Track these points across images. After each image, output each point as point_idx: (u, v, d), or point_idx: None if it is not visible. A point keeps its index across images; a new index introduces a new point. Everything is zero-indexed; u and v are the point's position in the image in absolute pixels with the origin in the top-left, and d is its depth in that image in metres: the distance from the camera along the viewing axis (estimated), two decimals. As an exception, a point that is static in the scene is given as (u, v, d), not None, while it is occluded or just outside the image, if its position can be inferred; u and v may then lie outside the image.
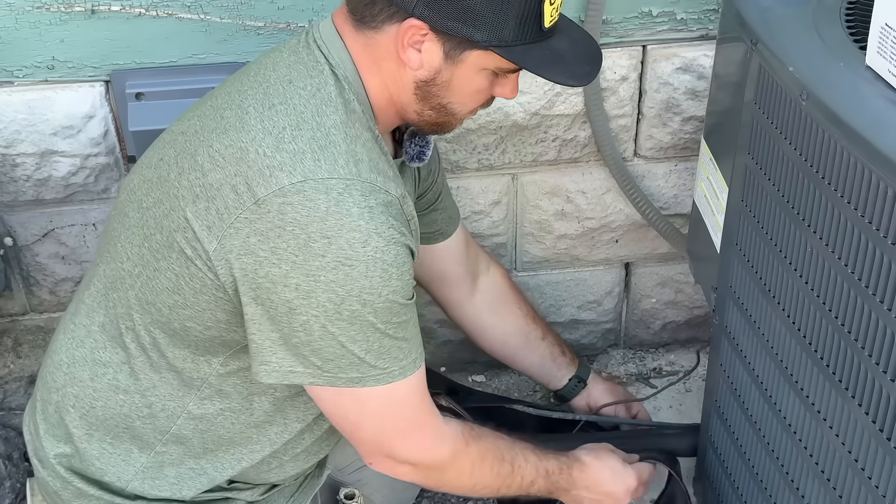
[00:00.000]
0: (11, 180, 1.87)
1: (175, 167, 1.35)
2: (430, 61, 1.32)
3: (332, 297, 1.27)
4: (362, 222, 1.25)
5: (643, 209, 2.05)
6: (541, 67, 1.33)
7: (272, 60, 1.38)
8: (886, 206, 1.13)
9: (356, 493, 1.78)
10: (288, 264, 1.26)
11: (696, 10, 1.86)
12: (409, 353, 1.37)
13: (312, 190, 1.25)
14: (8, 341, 2.11)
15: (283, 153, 1.27)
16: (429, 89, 1.35)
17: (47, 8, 1.70)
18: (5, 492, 1.99)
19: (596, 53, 1.41)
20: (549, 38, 1.34)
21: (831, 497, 1.36)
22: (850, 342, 1.25)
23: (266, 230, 1.26)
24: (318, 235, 1.25)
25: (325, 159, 1.27)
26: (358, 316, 1.29)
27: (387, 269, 1.27)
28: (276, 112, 1.30)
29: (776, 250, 1.40)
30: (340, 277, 1.26)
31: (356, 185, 1.27)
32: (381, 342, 1.33)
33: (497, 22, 1.28)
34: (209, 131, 1.33)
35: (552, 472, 1.58)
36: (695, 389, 2.22)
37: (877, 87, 1.21)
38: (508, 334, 1.91)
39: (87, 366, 1.47)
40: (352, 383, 1.35)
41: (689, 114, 1.97)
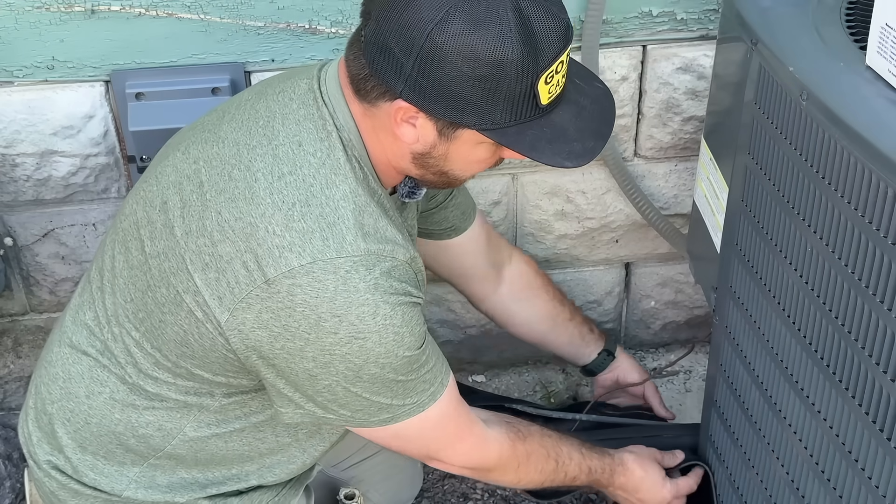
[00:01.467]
0: (11, 180, 1.87)
1: (181, 223, 1.34)
2: (424, 136, 1.29)
3: (349, 367, 1.31)
4: (369, 295, 1.28)
5: (643, 209, 2.05)
6: (535, 150, 1.28)
7: (281, 109, 1.35)
8: (886, 206, 1.13)
9: (356, 494, 1.78)
10: (302, 340, 1.29)
11: (696, 10, 1.86)
12: (432, 381, 1.40)
13: (321, 271, 1.27)
14: (8, 341, 2.11)
15: (293, 232, 1.28)
16: (426, 160, 1.34)
17: (47, 8, 1.70)
18: (5, 492, 1.99)
19: (606, 121, 1.36)
20: (551, 112, 1.29)
21: (831, 497, 1.36)
22: (850, 342, 1.25)
23: (277, 309, 1.28)
24: (328, 315, 1.27)
25: (332, 238, 1.28)
26: (378, 377, 1.33)
27: (398, 331, 1.30)
28: (285, 184, 1.30)
29: (776, 250, 1.40)
30: (355, 350, 1.29)
31: (363, 261, 1.28)
32: (404, 387, 1.36)
33: (486, 107, 1.24)
34: (217, 193, 1.32)
35: (595, 470, 1.65)
36: (695, 389, 2.22)
37: (877, 87, 1.21)
38: (537, 320, 1.93)
39: (83, 383, 1.46)
40: (384, 423, 1.39)
41: (689, 114, 1.97)
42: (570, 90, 1.31)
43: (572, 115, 1.31)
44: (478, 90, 1.22)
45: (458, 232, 1.78)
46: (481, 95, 1.23)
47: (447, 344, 2.26)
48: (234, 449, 1.49)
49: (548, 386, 2.29)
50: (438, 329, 2.23)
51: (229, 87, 1.78)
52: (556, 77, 1.26)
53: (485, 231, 1.84)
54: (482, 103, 1.24)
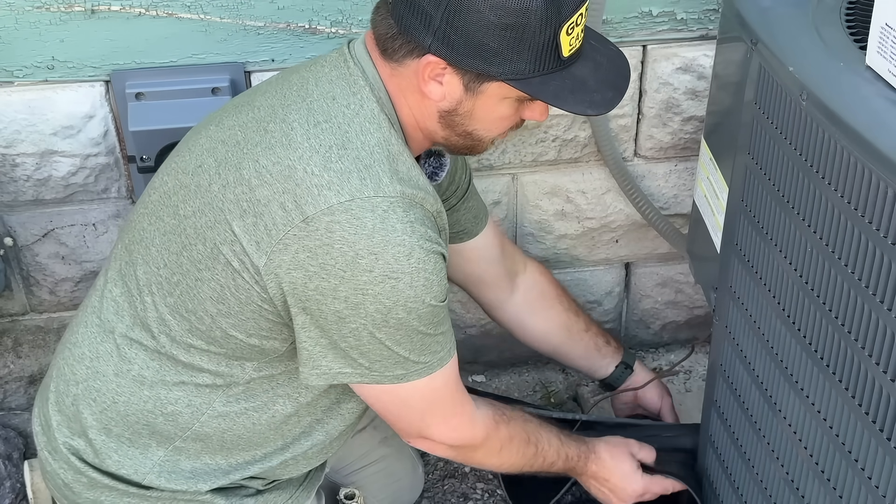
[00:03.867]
0: (11, 180, 1.87)
1: (218, 178, 1.37)
2: (451, 93, 1.35)
3: (379, 308, 1.33)
4: (405, 237, 1.31)
5: (643, 209, 2.05)
6: (559, 98, 1.33)
7: (314, 74, 1.41)
8: (886, 206, 1.13)
9: (356, 493, 1.78)
10: (336, 279, 1.31)
11: (696, 10, 1.86)
12: (444, 344, 1.44)
13: (359, 208, 1.30)
14: (8, 341, 2.11)
15: (331, 172, 1.31)
16: (452, 119, 1.38)
17: (47, 8, 1.70)
18: (5, 492, 1.99)
19: (622, 76, 1.41)
20: (571, 65, 1.34)
21: (831, 497, 1.36)
22: (850, 342, 1.25)
23: (315, 247, 1.30)
24: (365, 252, 1.30)
25: (370, 178, 1.32)
26: (403, 322, 1.35)
27: (429, 277, 1.34)
28: (321, 130, 1.34)
29: (776, 250, 1.40)
30: (387, 290, 1.32)
31: (399, 202, 1.32)
32: (423, 341, 1.39)
33: (512, 56, 1.29)
34: (254, 145, 1.36)
35: (571, 457, 1.68)
36: (695, 389, 2.22)
37: (877, 87, 1.21)
38: (550, 331, 1.93)
39: (111, 361, 1.47)
40: (397, 380, 1.42)
41: (689, 114, 1.97)
42: (587, 48, 1.37)
43: (591, 69, 1.37)
44: (504, 39, 1.28)
45: (470, 236, 1.79)
46: (507, 45, 1.28)
47: (447, 344, 2.26)
48: (259, 430, 1.50)
49: (548, 386, 2.29)
50: (438, 329, 2.23)
51: (229, 87, 1.79)
52: (577, 30, 1.32)
53: (498, 238, 1.85)
54: (508, 53, 1.29)
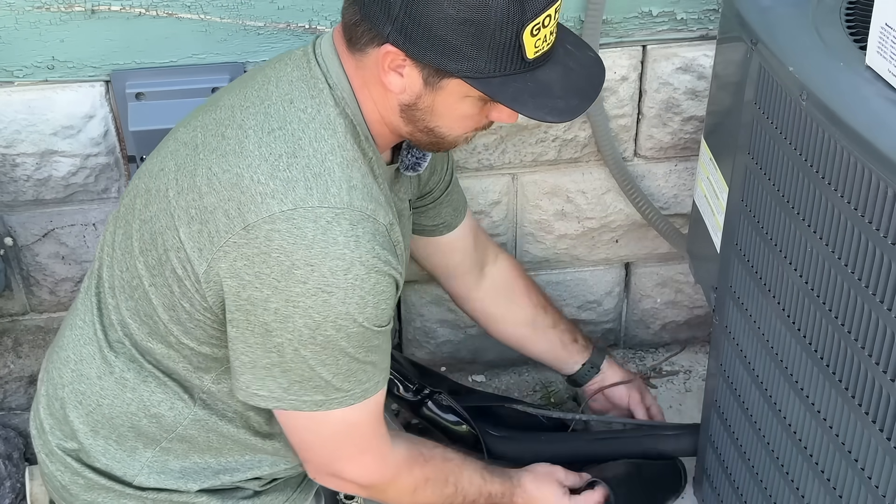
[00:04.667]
0: (11, 180, 1.87)
1: (175, 184, 1.37)
2: (411, 86, 1.30)
3: (308, 323, 1.30)
4: (347, 251, 1.27)
5: (643, 209, 2.05)
6: (517, 101, 1.28)
7: (276, 74, 1.39)
8: (886, 206, 1.13)
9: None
10: (269, 289, 1.28)
11: (696, 10, 1.86)
12: (373, 376, 1.39)
13: (301, 218, 1.27)
14: (8, 341, 2.11)
15: (277, 181, 1.28)
16: (413, 113, 1.34)
17: (47, 8, 1.70)
18: (5, 492, 1.99)
19: (593, 84, 1.36)
20: (537, 68, 1.29)
21: (831, 497, 1.36)
22: (850, 342, 1.25)
23: (252, 255, 1.28)
24: (301, 262, 1.27)
25: (317, 187, 1.28)
26: (331, 340, 1.31)
27: (364, 296, 1.29)
28: (274, 138, 1.31)
29: (776, 250, 1.40)
30: (319, 304, 1.28)
31: (346, 213, 1.29)
32: (349, 366, 1.35)
33: (471, 53, 1.25)
34: (210, 151, 1.35)
35: (495, 494, 1.63)
36: (695, 389, 2.22)
37: (877, 87, 1.21)
38: (517, 324, 1.92)
39: (94, 363, 1.47)
40: (315, 407, 1.37)
41: (689, 114, 1.97)
42: (559, 52, 1.32)
43: (559, 74, 1.31)
44: (463, 35, 1.23)
45: (450, 229, 1.78)
46: (466, 41, 1.23)
47: (447, 344, 2.26)
48: (242, 437, 1.49)
49: (548, 386, 2.29)
50: (438, 329, 2.23)
51: (229, 87, 1.79)
52: (544, 32, 1.26)
53: (472, 230, 1.84)
54: (467, 49, 1.24)
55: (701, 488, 1.88)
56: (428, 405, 1.92)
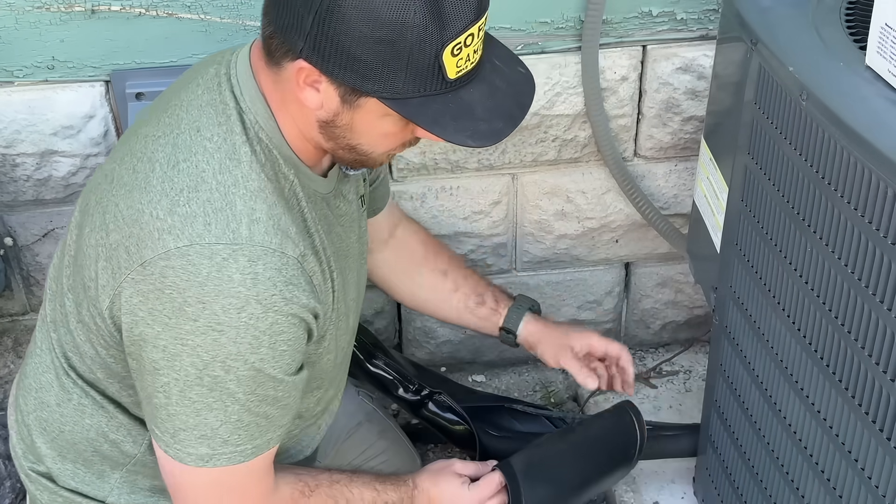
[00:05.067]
0: (11, 180, 1.87)
1: (90, 220, 1.34)
2: (328, 103, 1.23)
3: (195, 362, 1.25)
4: (242, 289, 1.22)
5: (643, 209, 2.05)
6: (437, 124, 1.20)
7: (188, 97, 1.33)
8: (886, 206, 1.13)
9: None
10: (160, 326, 1.24)
11: (696, 10, 1.86)
12: (266, 432, 1.33)
13: (197, 255, 1.22)
14: (8, 341, 2.11)
15: (175, 216, 1.24)
16: (332, 130, 1.27)
17: (47, 8, 1.70)
18: (5, 492, 1.99)
19: (520, 104, 1.28)
20: (459, 88, 1.21)
21: (831, 497, 1.36)
22: (850, 342, 1.25)
23: (147, 292, 1.24)
24: (194, 300, 1.22)
25: (216, 223, 1.23)
26: (219, 383, 1.26)
27: (258, 336, 1.24)
28: (178, 171, 1.26)
29: (776, 250, 1.40)
30: (208, 343, 1.23)
31: (244, 250, 1.23)
32: (239, 416, 1.29)
33: (387, 74, 1.18)
34: (120, 186, 1.31)
35: (392, 502, 1.55)
36: (695, 389, 2.22)
37: (877, 87, 1.21)
38: (416, 292, 1.83)
39: (53, 391, 1.46)
40: (201, 462, 1.31)
41: (689, 114, 1.97)
42: (485, 69, 1.25)
43: (483, 94, 1.24)
44: (378, 54, 1.16)
45: (377, 213, 1.72)
46: (382, 60, 1.17)
47: (447, 344, 2.26)
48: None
49: (548, 386, 2.29)
50: (438, 329, 2.23)
51: (229, 87, 1.78)
52: (466, 51, 1.19)
53: (390, 210, 1.77)
54: (383, 69, 1.17)
55: (701, 488, 1.88)
56: (428, 405, 1.92)
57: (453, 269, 1.82)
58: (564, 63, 1.88)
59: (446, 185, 2.02)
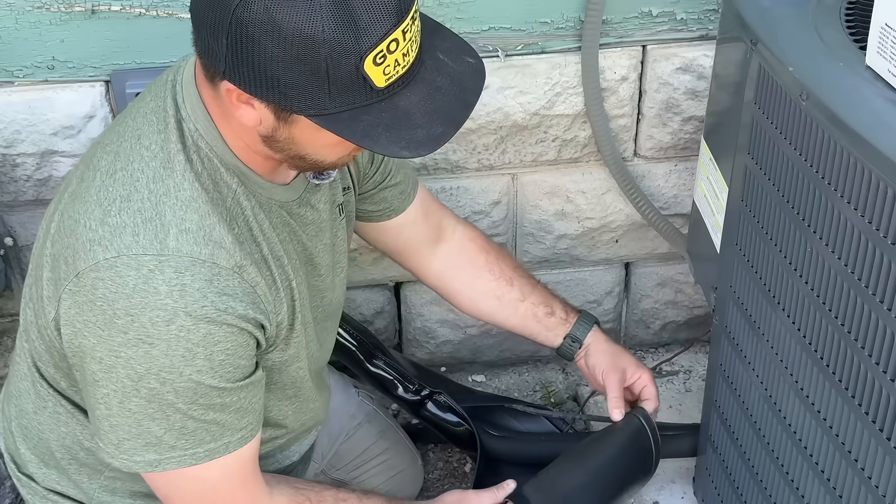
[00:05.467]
0: (12, 180, 1.87)
1: (44, 229, 1.34)
2: (265, 119, 1.19)
3: (130, 374, 1.23)
4: (169, 301, 1.20)
5: (643, 209, 2.05)
6: (369, 137, 1.14)
7: (138, 104, 1.31)
8: (886, 206, 1.13)
9: (356, 493, 1.78)
10: (95, 337, 1.23)
11: (696, 10, 1.86)
12: (220, 437, 1.30)
13: (124, 266, 1.21)
14: (8, 341, 2.11)
15: (105, 227, 1.23)
16: (276, 144, 1.23)
17: (47, 8, 1.70)
18: (5, 492, 1.99)
19: (464, 103, 1.20)
20: (393, 95, 1.15)
21: (831, 497, 1.36)
22: (850, 342, 1.25)
23: (81, 303, 1.24)
24: (122, 312, 1.21)
25: (144, 233, 1.21)
26: (157, 395, 1.24)
27: (191, 348, 1.22)
28: (115, 180, 1.25)
29: (776, 250, 1.40)
30: (140, 355, 1.22)
31: (171, 261, 1.21)
32: (183, 423, 1.27)
33: (310, 91, 1.12)
34: (69, 195, 1.31)
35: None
36: (695, 389, 2.22)
37: (877, 87, 1.21)
38: (476, 299, 1.78)
39: (30, 399, 1.46)
40: (150, 467, 1.30)
41: (689, 114, 1.97)
42: (425, 68, 1.18)
43: (422, 96, 1.17)
44: (295, 73, 1.11)
45: (398, 212, 1.67)
46: (300, 79, 1.11)
47: (447, 344, 2.26)
48: None
49: (548, 386, 2.29)
50: (438, 329, 2.23)
51: (229, 87, 1.78)
52: (394, 56, 1.12)
53: (423, 206, 1.71)
54: (304, 87, 1.12)
55: (701, 488, 1.88)
56: (427, 406, 1.92)
57: (518, 278, 1.80)
58: (564, 63, 1.88)
59: (446, 186, 2.02)
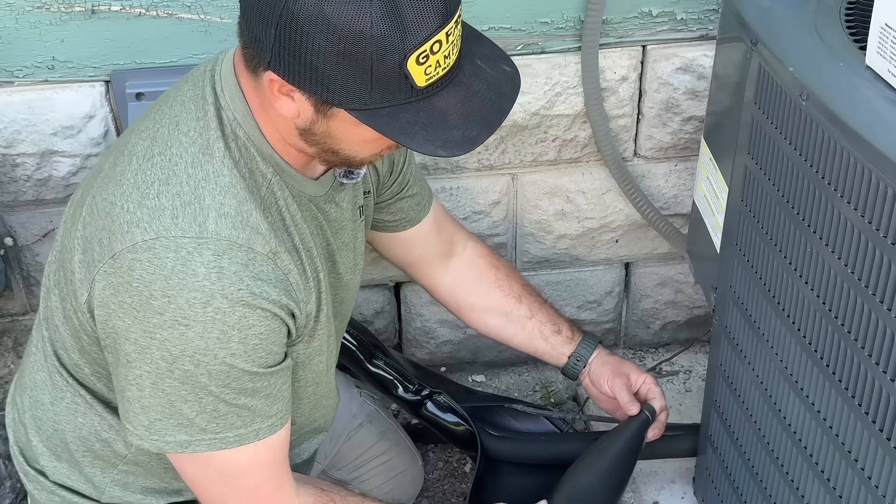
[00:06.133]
0: (12, 180, 1.87)
1: (73, 215, 1.35)
2: (304, 111, 1.21)
3: (165, 356, 1.24)
4: (207, 283, 1.21)
5: (643, 209, 2.05)
6: (406, 134, 1.17)
7: (175, 92, 1.33)
8: (886, 206, 1.13)
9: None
10: (130, 318, 1.24)
11: (696, 10, 1.86)
12: (250, 423, 1.31)
13: (163, 248, 1.22)
14: (8, 341, 2.11)
15: (144, 209, 1.24)
16: (312, 137, 1.26)
17: (47, 8, 1.70)
18: (5, 492, 1.99)
19: (499, 108, 1.23)
20: (432, 95, 1.17)
21: (831, 497, 1.36)
22: (850, 342, 1.25)
23: (117, 284, 1.24)
24: (159, 294, 1.22)
25: (183, 216, 1.23)
26: (190, 376, 1.25)
27: (226, 331, 1.23)
28: (152, 164, 1.27)
29: (776, 250, 1.41)
30: (175, 336, 1.23)
31: (210, 244, 1.22)
32: (215, 406, 1.28)
33: (353, 86, 1.14)
34: (101, 179, 1.32)
35: None
36: (695, 389, 2.22)
37: (877, 87, 1.21)
38: (488, 314, 1.80)
39: (46, 389, 1.46)
40: (180, 448, 1.30)
41: (689, 114, 1.97)
42: (464, 72, 1.20)
43: (459, 99, 1.19)
44: (340, 67, 1.13)
45: (414, 223, 1.69)
46: (345, 73, 1.14)
47: (447, 344, 2.26)
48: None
49: (548, 386, 2.29)
50: (438, 329, 2.23)
51: (229, 87, 1.78)
52: (435, 57, 1.15)
53: (437, 222, 1.74)
54: (347, 81, 1.14)
55: (701, 488, 1.88)
56: (427, 405, 1.92)
57: (527, 296, 1.81)
58: (564, 63, 1.89)
59: (446, 186, 2.02)
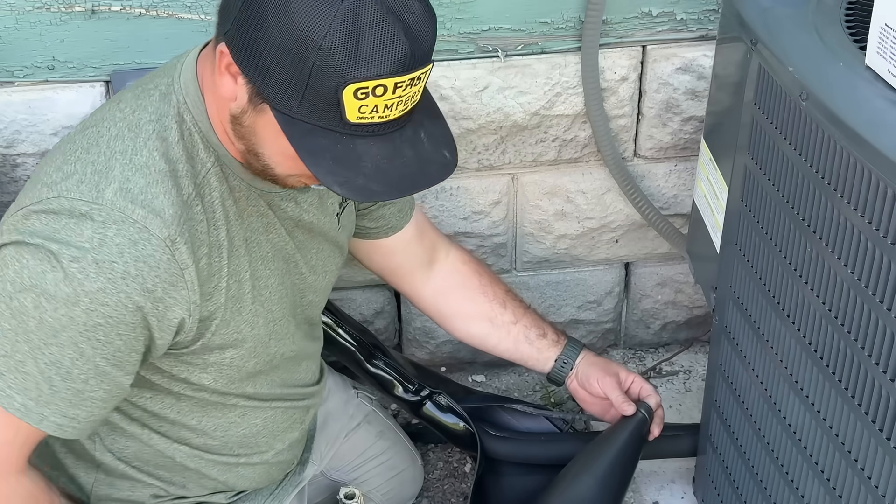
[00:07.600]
0: (12, 180, 1.87)
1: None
2: (240, 97, 1.19)
3: (14, 280, 1.20)
4: (87, 245, 1.19)
5: (643, 209, 2.05)
6: (313, 156, 1.14)
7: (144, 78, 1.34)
8: (886, 206, 1.13)
9: (356, 493, 1.78)
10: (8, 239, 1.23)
11: (696, 10, 1.86)
12: (43, 403, 1.23)
13: (59, 206, 1.21)
14: (8, 341, 2.11)
15: (59, 172, 1.24)
16: (239, 129, 1.23)
17: (47, 8, 1.70)
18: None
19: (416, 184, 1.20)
20: (356, 137, 1.15)
21: (831, 497, 1.36)
22: (850, 342, 1.25)
23: (12, 228, 1.24)
24: (41, 237, 1.20)
25: (87, 183, 1.22)
26: (22, 313, 1.20)
27: (79, 293, 1.18)
28: (83, 135, 1.27)
29: (776, 250, 1.41)
30: (34, 267, 1.19)
31: (103, 211, 1.20)
32: (23, 358, 1.21)
33: (286, 87, 1.13)
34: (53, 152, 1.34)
35: None
36: (695, 389, 2.22)
37: (877, 87, 1.21)
38: (471, 320, 1.77)
39: None
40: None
41: (689, 114, 1.97)
42: (403, 134, 1.18)
43: (383, 153, 1.17)
44: (282, 64, 1.12)
45: (395, 230, 1.67)
46: (284, 72, 1.12)
47: (447, 344, 2.26)
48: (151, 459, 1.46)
49: (548, 386, 2.29)
50: (438, 329, 2.23)
51: (229, 87, 1.78)
52: (376, 101, 1.13)
53: (419, 230, 1.71)
54: (283, 81, 1.13)
55: (701, 488, 1.88)
56: (427, 405, 1.92)
57: (511, 301, 1.79)
58: (564, 63, 1.89)
59: (446, 186, 2.02)
